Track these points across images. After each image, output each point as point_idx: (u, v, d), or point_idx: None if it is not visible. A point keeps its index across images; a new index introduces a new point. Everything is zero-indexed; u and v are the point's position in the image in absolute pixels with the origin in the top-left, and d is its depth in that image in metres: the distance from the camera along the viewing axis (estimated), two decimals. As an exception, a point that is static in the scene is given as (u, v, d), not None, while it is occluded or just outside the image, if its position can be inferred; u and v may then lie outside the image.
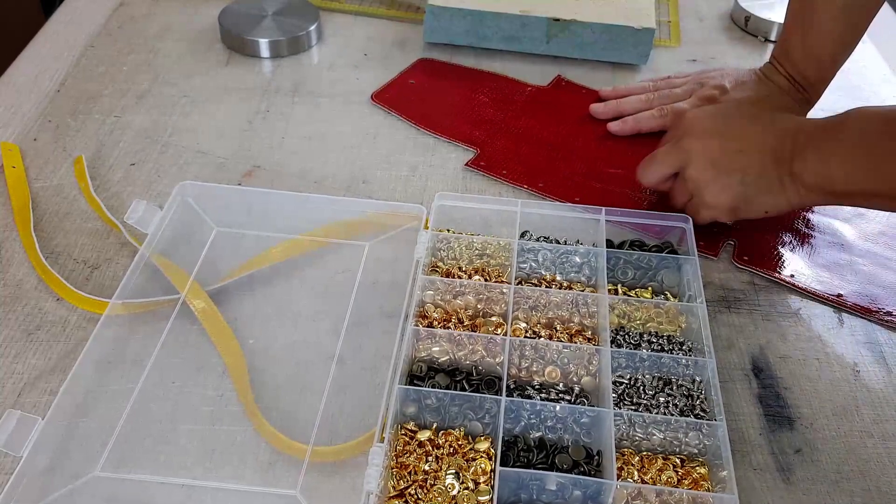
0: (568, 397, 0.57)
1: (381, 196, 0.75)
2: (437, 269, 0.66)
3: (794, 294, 0.68)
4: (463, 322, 0.61)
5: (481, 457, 0.53)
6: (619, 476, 0.52)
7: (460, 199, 0.69)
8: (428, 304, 0.63)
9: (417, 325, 0.60)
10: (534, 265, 0.66)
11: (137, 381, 0.58)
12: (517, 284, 0.63)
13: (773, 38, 0.99)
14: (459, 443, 0.54)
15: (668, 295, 0.65)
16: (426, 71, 0.92)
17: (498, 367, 0.59)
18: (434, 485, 0.52)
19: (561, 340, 0.60)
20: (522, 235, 0.68)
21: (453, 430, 0.55)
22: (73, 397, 0.56)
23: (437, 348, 0.59)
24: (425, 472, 0.52)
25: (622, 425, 0.55)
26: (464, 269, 0.66)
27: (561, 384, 0.58)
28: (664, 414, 0.56)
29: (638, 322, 0.63)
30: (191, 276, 0.65)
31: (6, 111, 0.82)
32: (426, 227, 0.67)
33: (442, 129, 0.83)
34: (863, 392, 0.61)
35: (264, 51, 0.92)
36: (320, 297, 0.65)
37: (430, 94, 0.88)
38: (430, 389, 0.56)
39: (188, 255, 0.67)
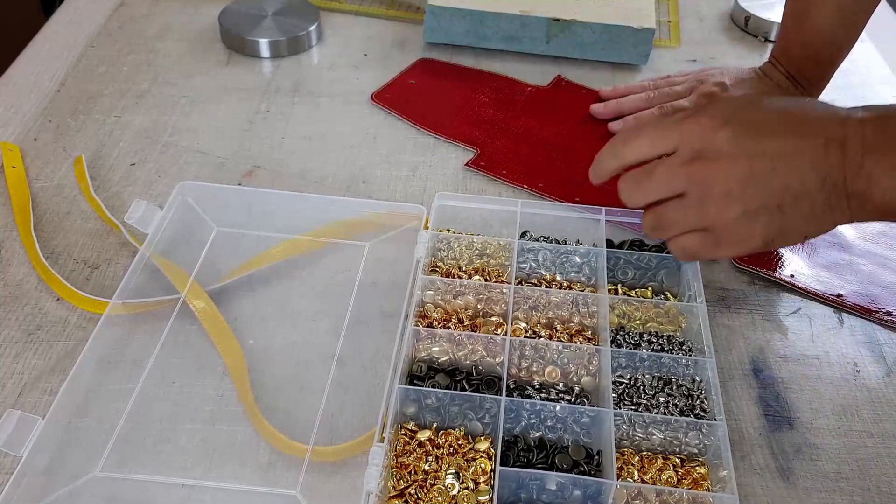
0: (568, 397, 0.57)
1: (381, 196, 0.75)
2: (437, 269, 0.66)
3: (794, 294, 0.68)
4: (463, 322, 0.61)
5: (481, 457, 0.53)
6: (619, 476, 0.52)
7: (460, 199, 0.69)
8: (428, 304, 0.63)
9: (417, 325, 0.60)
10: (534, 265, 0.66)
11: (137, 381, 0.58)
12: (517, 284, 0.63)
13: (773, 38, 0.99)
14: (459, 443, 0.54)
15: (668, 295, 0.65)
16: (426, 71, 0.92)
17: (498, 367, 0.59)
18: (434, 485, 0.52)
19: (561, 340, 0.60)
20: (522, 235, 0.68)
21: (453, 429, 0.55)
22: (73, 397, 0.56)
23: (437, 348, 0.59)
24: (425, 472, 0.53)
25: (622, 425, 0.55)
26: (464, 269, 0.66)
27: (561, 384, 0.58)
28: (664, 414, 0.56)
29: (638, 322, 0.63)
30: (191, 276, 0.65)
31: (6, 111, 0.82)
32: (426, 227, 0.67)
33: (442, 129, 0.83)
34: (863, 392, 0.61)
35: (264, 51, 0.92)
36: (320, 297, 0.65)
37: (430, 94, 0.88)
38: (430, 389, 0.56)
39: (188, 255, 0.67)
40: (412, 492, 0.52)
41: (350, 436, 0.56)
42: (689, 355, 0.60)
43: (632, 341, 0.61)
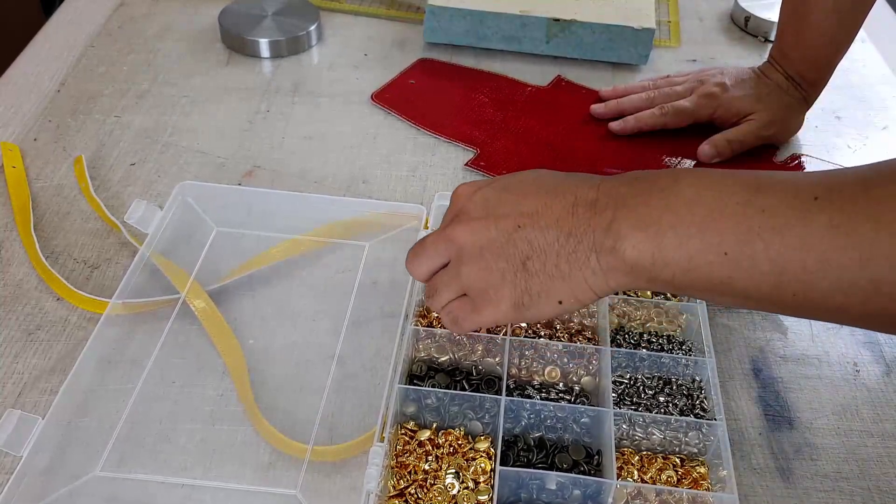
0: (568, 397, 0.57)
1: (381, 196, 0.75)
2: (437, 269, 0.66)
3: (793, 294, 0.68)
4: (463, 322, 0.61)
5: (481, 456, 0.53)
6: (618, 476, 0.53)
7: (460, 199, 0.69)
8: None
9: (417, 325, 0.60)
10: (534, 265, 0.66)
11: (137, 381, 0.58)
12: (517, 284, 0.63)
13: (772, 38, 0.99)
14: (459, 442, 0.54)
15: (668, 294, 0.65)
16: (426, 71, 0.92)
17: (498, 366, 0.59)
18: (434, 484, 0.52)
19: (561, 340, 0.60)
20: (522, 235, 0.68)
21: (453, 429, 0.55)
22: (73, 397, 0.56)
23: (437, 348, 0.59)
24: (425, 472, 0.53)
25: (622, 425, 0.55)
26: (464, 268, 0.65)
27: (561, 384, 0.58)
28: (664, 413, 0.56)
29: (638, 322, 0.63)
30: (191, 275, 0.65)
31: (6, 111, 0.82)
32: (426, 227, 0.67)
33: (442, 129, 0.83)
34: (863, 392, 0.61)
35: (264, 51, 0.92)
36: (320, 297, 0.65)
37: (430, 94, 0.88)
38: (430, 389, 0.56)
39: (188, 255, 0.67)
40: (412, 491, 0.52)
41: (350, 436, 0.56)
42: (689, 355, 0.60)
43: (632, 341, 0.61)
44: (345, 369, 0.60)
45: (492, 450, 0.54)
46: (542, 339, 0.60)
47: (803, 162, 0.82)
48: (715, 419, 0.55)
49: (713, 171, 0.46)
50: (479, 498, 0.51)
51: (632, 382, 0.58)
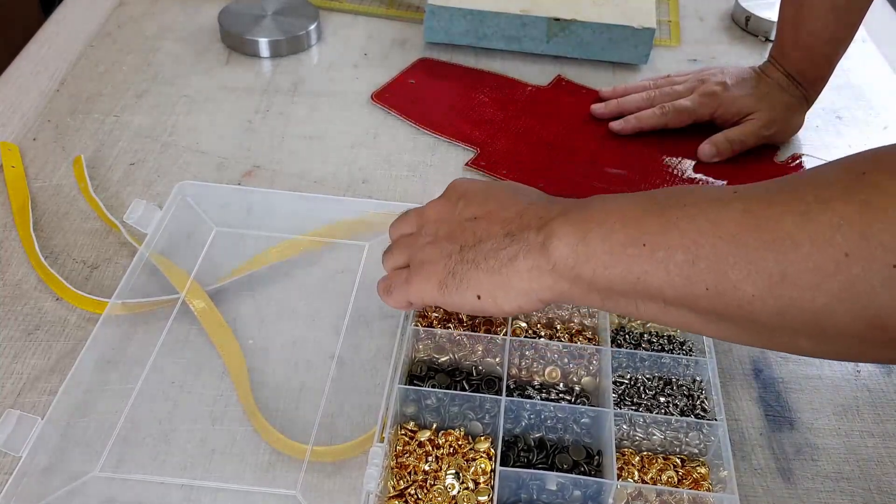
0: (568, 397, 0.57)
1: (381, 196, 0.75)
2: (437, 269, 0.65)
3: (794, 294, 0.68)
4: (463, 322, 0.61)
5: (481, 457, 0.53)
6: (619, 476, 0.52)
7: (460, 199, 0.69)
8: (428, 304, 0.63)
9: (417, 325, 0.60)
10: (534, 265, 0.66)
11: (137, 382, 0.58)
12: (517, 284, 0.63)
13: (773, 37, 0.99)
14: (459, 443, 0.54)
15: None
16: (426, 71, 0.92)
17: (498, 367, 0.59)
18: (434, 485, 0.52)
19: (561, 340, 0.60)
20: (522, 235, 0.68)
21: (453, 430, 0.55)
22: (72, 397, 0.56)
23: (437, 348, 0.59)
24: (425, 472, 0.52)
25: (622, 425, 0.55)
26: (464, 268, 0.65)
27: (561, 384, 0.58)
28: (664, 414, 0.56)
29: (638, 322, 0.63)
30: (190, 275, 0.64)
31: (5, 111, 0.82)
32: (426, 227, 0.67)
33: (442, 129, 0.83)
34: (863, 392, 0.61)
35: (264, 50, 0.92)
36: (320, 297, 0.65)
37: (430, 94, 0.88)
38: (430, 389, 0.56)
39: (188, 254, 0.67)
40: (412, 492, 0.52)
41: (350, 436, 0.56)
42: (690, 355, 0.60)
43: (632, 341, 0.61)
44: (344, 369, 0.60)
45: (492, 450, 0.54)
46: (542, 339, 0.60)
47: (804, 162, 0.82)
48: (715, 419, 0.54)
49: (659, 190, 0.49)
50: (479, 498, 0.51)
51: (632, 383, 0.58)
